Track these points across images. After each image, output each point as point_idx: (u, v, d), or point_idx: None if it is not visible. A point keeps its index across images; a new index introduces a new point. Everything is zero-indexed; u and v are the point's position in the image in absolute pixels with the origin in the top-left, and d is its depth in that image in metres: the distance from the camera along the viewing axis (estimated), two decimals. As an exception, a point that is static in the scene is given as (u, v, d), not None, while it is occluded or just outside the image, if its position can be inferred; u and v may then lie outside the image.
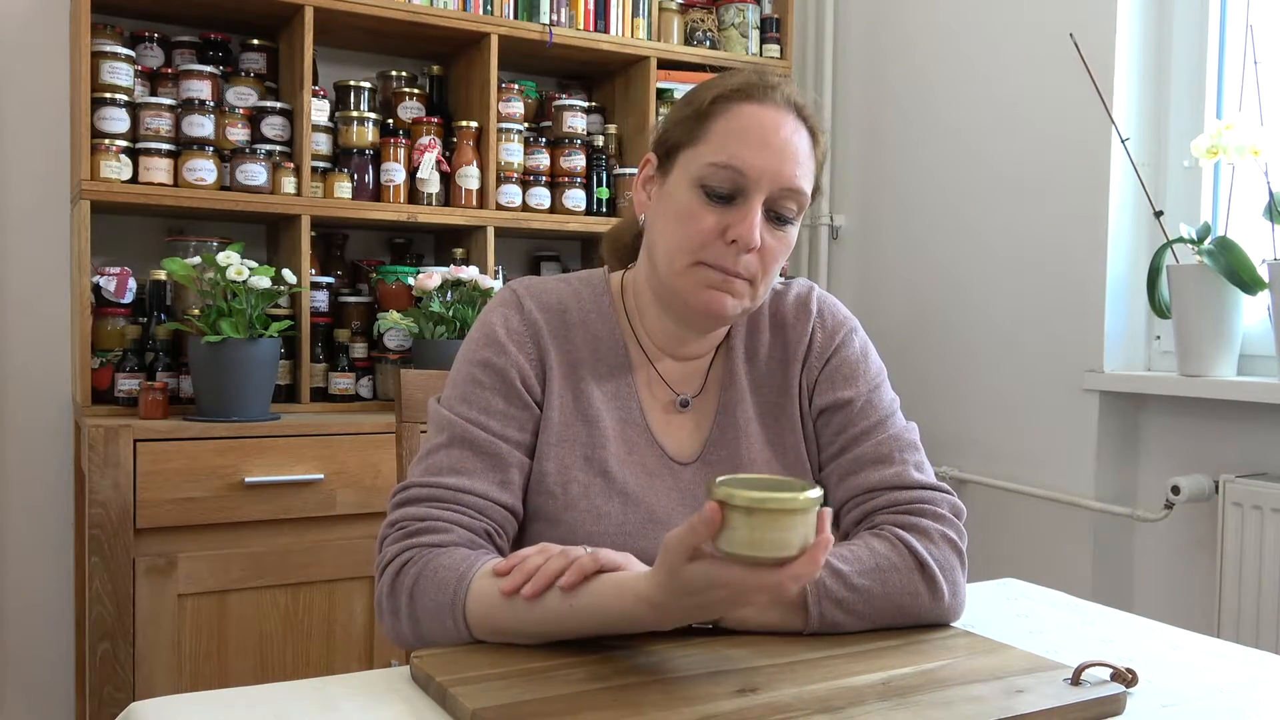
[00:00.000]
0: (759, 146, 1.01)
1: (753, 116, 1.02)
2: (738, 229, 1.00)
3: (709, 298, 1.03)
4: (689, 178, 1.03)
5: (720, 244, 1.02)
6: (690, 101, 1.06)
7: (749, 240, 1.00)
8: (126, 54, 2.15)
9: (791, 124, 1.03)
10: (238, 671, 1.98)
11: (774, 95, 1.04)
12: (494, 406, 1.05)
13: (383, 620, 0.98)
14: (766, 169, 1.01)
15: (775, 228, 1.03)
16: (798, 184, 1.02)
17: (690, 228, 1.02)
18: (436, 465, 1.02)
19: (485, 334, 1.08)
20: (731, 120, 1.02)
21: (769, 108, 1.03)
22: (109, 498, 1.88)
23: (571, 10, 2.52)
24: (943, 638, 0.96)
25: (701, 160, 1.02)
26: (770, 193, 1.01)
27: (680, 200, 1.04)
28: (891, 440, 1.07)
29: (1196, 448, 2.05)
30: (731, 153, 1.01)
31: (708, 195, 1.02)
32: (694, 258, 1.03)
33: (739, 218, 1.01)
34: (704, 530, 0.76)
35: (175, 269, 2.01)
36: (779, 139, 1.02)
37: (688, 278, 1.03)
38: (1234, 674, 0.93)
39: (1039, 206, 2.32)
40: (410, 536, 0.98)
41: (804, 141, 1.04)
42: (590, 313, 1.11)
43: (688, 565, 0.79)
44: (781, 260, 1.05)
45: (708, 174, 1.02)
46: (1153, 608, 2.12)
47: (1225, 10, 2.09)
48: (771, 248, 1.03)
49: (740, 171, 1.01)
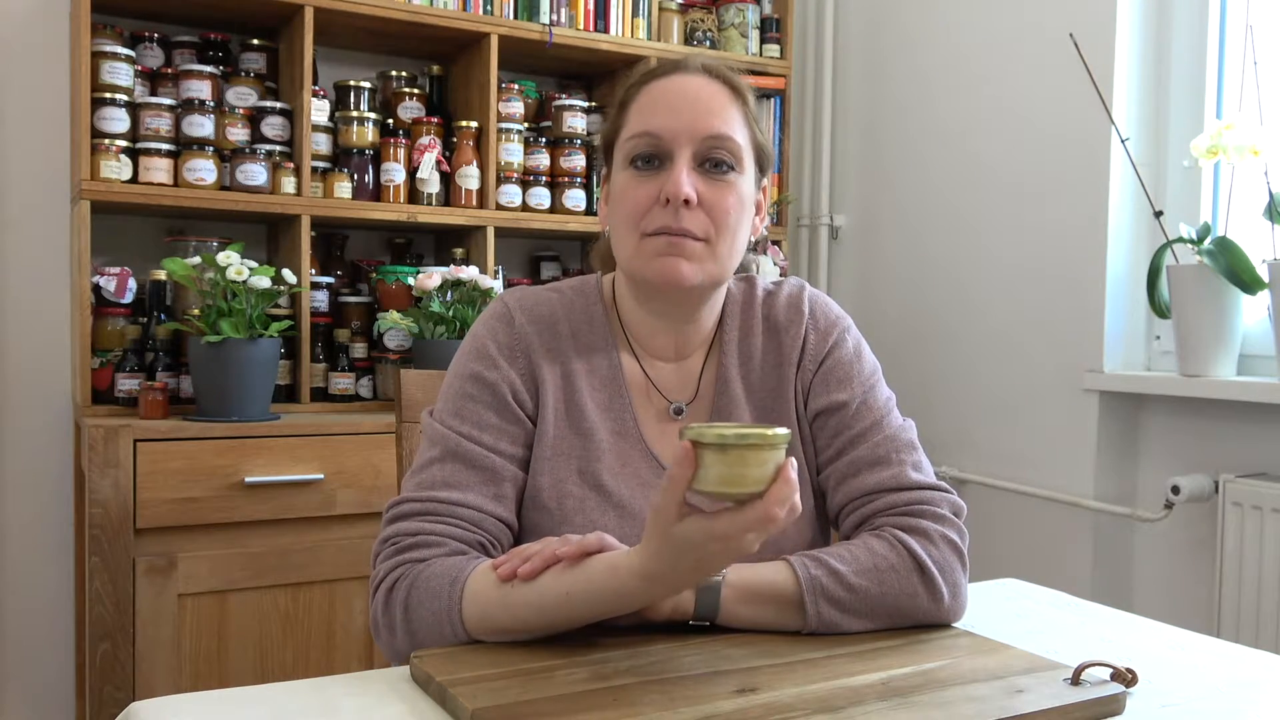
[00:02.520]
0: (670, 109, 1.04)
1: (661, 87, 1.06)
2: (667, 186, 1.02)
3: (661, 266, 1.03)
4: (621, 162, 1.07)
5: (658, 209, 1.03)
6: (614, 102, 1.11)
7: (675, 192, 1.01)
8: (126, 54, 2.15)
9: (701, 82, 1.06)
10: (238, 671, 1.98)
11: (681, 65, 1.07)
12: (487, 421, 1.04)
13: (378, 636, 0.97)
14: (681, 126, 1.03)
15: (714, 176, 1.04)
16: (719, 129, 1.03)
17: (628, 203, 1.04)
18: (430, 479, 1.02)
19: (476, 348, 1.08)
20: (644, 98, 1.06)
21: (677, 76, 1.06)
22: (109, 498, 1.88)
23: (571, 10, 2.52)
24: (943, 638, 0.96)
25: (624, 137, 1.06)
26: (695, 147, 1.03)
27: (618, 185, 1.07)
28: (888, 441, 1.07)
29: (1196, 448, 2.05)
30: (644, 122, 1.04)
31: (638, 170, 1.04)
32: (639, 230, 1.04)
33: (665, 180, 1.03)
34: (680, 474, 0.78)
35: (175, 269, 2.01)
36: (687, 98, 1.04)
37: (640, 254, 1.04)
38: (1234, 674, 0.93)
39: (1039, 206, 2.32)
40: (403, 552, 0.97)
41: (720, 94, 1.05)
42: (582, 323, 1.11)
43: (677, 526, 0.80)
44: (734, 213, 1.05)
45: (630, 148, 1.05)
46: (1153, 608, 2.12)
47: (1225, 10, 2.09)
48: (715, 200, 1.03)
49: (655, 134, 1.03)
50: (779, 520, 0.79)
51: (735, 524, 0.79)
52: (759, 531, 0.80)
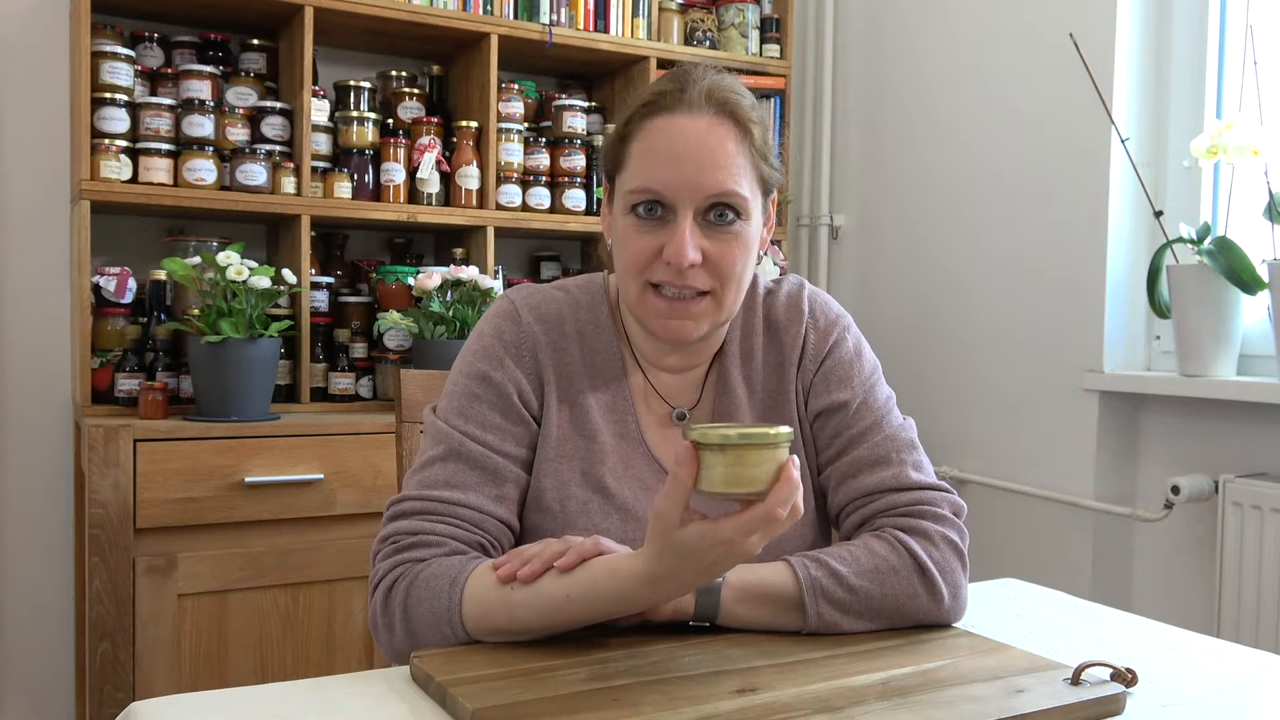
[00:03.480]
0: (672, 164, 0.98)
1: (662, 132, 1.00)
2: (670, 249, 0.99)
3: (667, 327, 1.02)
4: (622, 204, 1.03)
5: (661, 263, 1.00)
6: (617, 123, 1.06)
7: (679, 260, 0.98)
8: (126, 54, 2.15)
9: (706, 124, 0.99)
10: (238, 671, 1.98)
11: (685, 98, 1.00)
12: (491, 421, 1.04)
13: (377, 636, 0.97)
14: (683, 184, 0.98)
15: (719, 230, 1.00)
16: (723, 187, 0.99)
17: (630, 253, 1.02)
18: (431, 478, 1.01)
19: (482, 346, 1.07)
20: (644, 140, 1.01)
21: (679, 116, 1.00)
22: (109, 498, 1.88)
23: (571, 10, 2.52)
24: (943, 638, 0.96)
25: (626, 187, 1.02)
26: (697, 204, 0.99)
27: (619, 227, 1.03)
28: (888, 441, 1.06)
29: (1196, 448, 2.05)
30: (646, 175, 1.00)
31: (640, 218, 1.01)
32: (642, 279, 1.02)
33: (670, 236, 0.99)
34: (683, 475, 0.77)
35: (175, 269, 2.01)
36: (691, 149, 0.98)
37: (644, 304, 1.03)
38: (1234, 674, 0.93)
39: (1039, 206, 2.32)
40: (402, 551, 0.97)
41: (726, 138, 1.00)
42: (587, 324, 1.10)
43: (681, 531, 0.80)
44: (741, 261, 1.02)
45: (631, 200, 1.01)
46: (1153, 608, 2.12)
47: (1225, 10, 2.09)
48: (720, 255, 1.00)
49: (657, 194, 0.99)
50: (782, 521, 0.79)
51: (738, 527, 0.79)
52: (762, 534, 0.80)
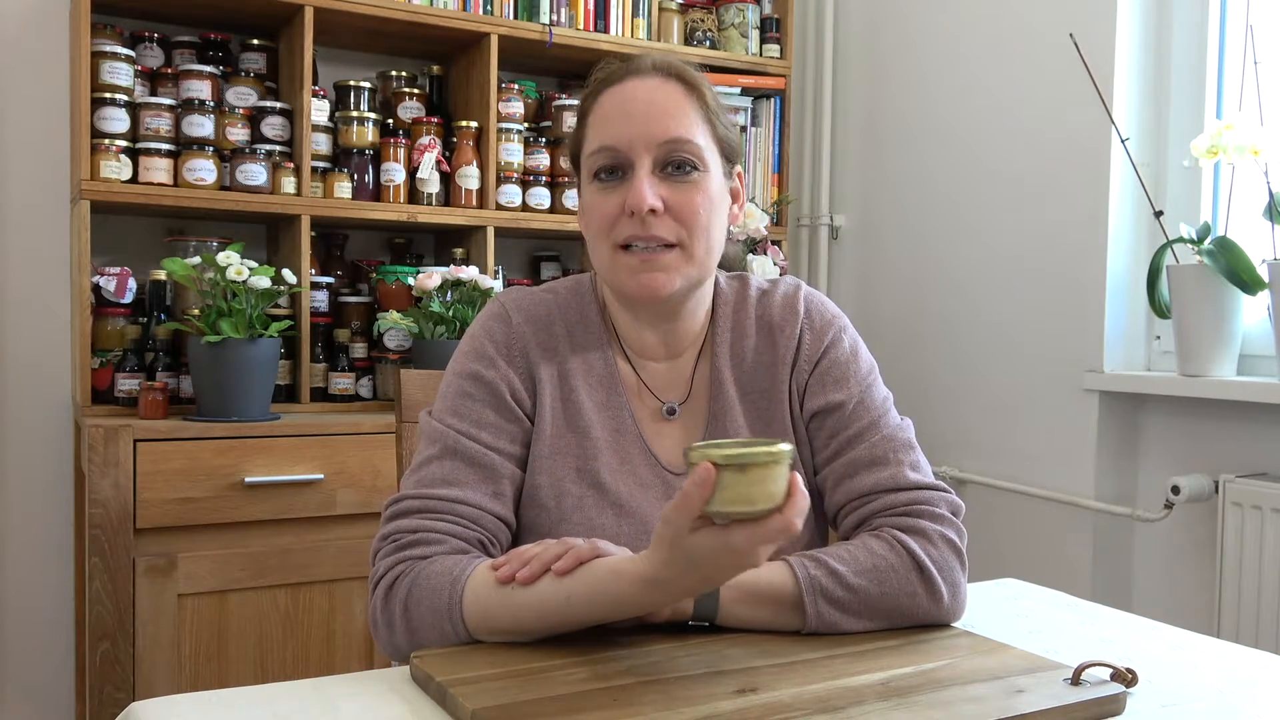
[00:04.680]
0: (622, 119, 1.04)
1: (614, 95, 1.06)
2: (630, 198, 1.02)
3: (639, 282, 1.04)
4: (586, 177, 1.08)
5: (624, 220, 1.03)
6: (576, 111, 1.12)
7: (638, 203, 1.01)
8: (126, 54, 2.15)
9: (653, 84, 1.05)
10: (238, 671, 1.98)
11: (632, 67, 1.07)
12: (485, 419, 1.05)
13: (377, 634, 0.97)
14: (635, 135, 1.03)
15: (678, 179, 1.04)
16: (675, 133, 1.03)
17: (596, 218, 1.05)
18: (429, 477, 1.02)
19: (474, 348, 1.09)
20: (599, 109, 1.07)
21: (628, 82, 1.06)
22: (109, 498, 1.88)
23: (571, 10, 2.52)
24: (943, 638, 0.96)
25: (586, 155, 1.07)
26: (654, 154, 1.03)
27: (585, 200, 1.08)
28: (885, 441, 1.07)
29: (1196, 448, 2.05)
30: (602, 134, 1.05)
31: (602, 182, 1.05)
32: (610, 242, 1.05)
33: (630, 187, 1.03)
34: (699, 494, 0.77)
35: (175, 269, 2.01)
36: (640, 104, 1.04)
37: (616, 268, 1.05)
38: (1234, 674, 0.93)
39: (1039, 206, 2.32)
40: (402, 549, 0.97)
41: (674, 93, 1.05)
42: (577, 323, 1.12)
43: (690, 537, 0.80)
44: (704, 214, 1.05)
45: (592, 164, 1.06)
46: (1153, 608, 2.12)
47: (1225, 10, 2.09)
48: (682, 203, 1.04)
49: (612, 147, 1.04)
50: (798, 532, 0.80)
51: (751, 537, 0.79)
52: (773, 544, 0.80)
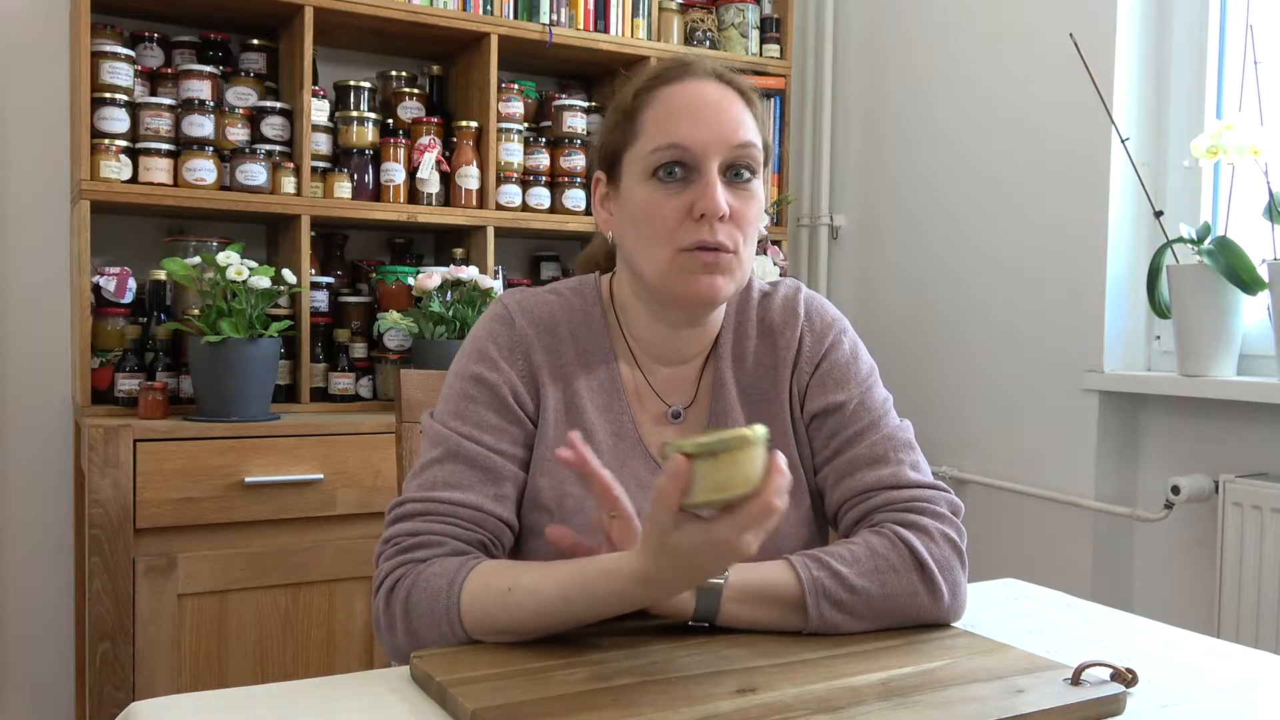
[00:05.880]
0: (693, 118, 1.01)
1: (677, 95, 1.03)
2: (702, 202, 1.00)
3: (699, 285, 1.02)
4: (639, 174, 1.03)
5: (690, 223, 1.01)
6: (616, 107, 1.07)
7: (715, 208, 0.99)
8: (126, 54, 2.15)
9: (716, 88, 1.04)
10: (238, 671, 1.98)
11: (691, 70, 1.05)
12: (487, 421, 1.05)
13: (380, 636, 0.98)
14: (710, 137, 1.01)
15: (739, 187, 1.02)
16: (744, 137, 1.02)
17: (657, 219, 1.02)
18: (431, 480, 1.02)
19: (476, 349, 1.08)
20: (659, 106, 1.03)
21: (689, 82, 1.04)
22: (109, 498, 1.88)
23: (571, 10, 2.52)
24: (943, 638, 0.96)
25: (644, 152, 1.02)
26: (724, 157, 1.01)
27: (639, 199, 1.03)
28: (886, 440, 1.07)
29: (1196, 448, 2.05)
30: (669, 132, 1.01)
31: (662, 181, 1.02)
32: (673, 247, 1.01)
33: (700, 191, 1.00)
34: (675, 486, 0.77)
35: (175, 269, 2.01)
36: (710, 104, 1.02)
37: (674, 272, 1.02)
38: (1234, 674, 0.93)
39: (1039, 206, 2.32)
40: (404, 552, 0.98)
41: (735, 101, 1.04)
42: (580, 325, 1.11)
43: (675, 532, 0.80)
44: (755, 222, 1.04)
45: (654, 160, 1.01)
46: (1153, 608, 2.12)
47: (1225, 10, 2.09)
48: (741, 210, 1.02)
49: (684, 147, 1.01)
50: (779, 510, 0.79)
51: (734, 524, 0.79)
52: (758, 527, 0.79)
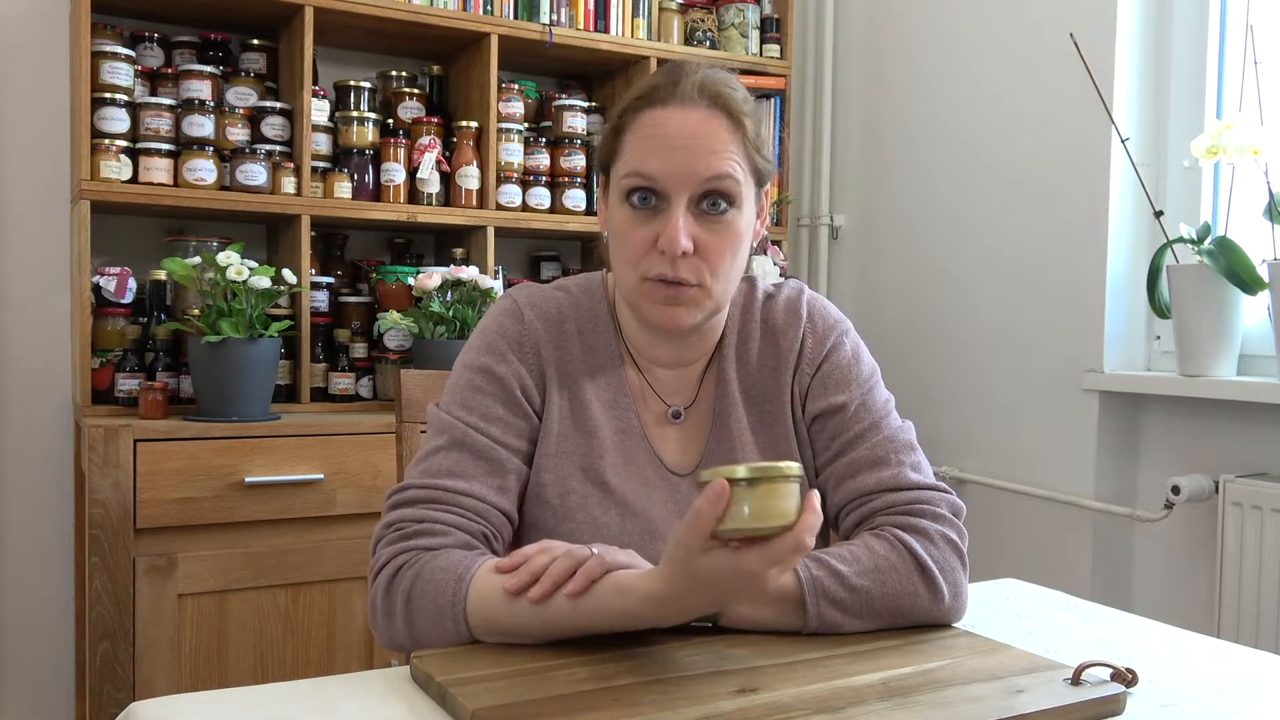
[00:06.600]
0: (664, 152, 1.00)
1: (655, 122, 1.02)
2: (662, 239, 1.00)
3: (661, 314, 1.03)
4: (618, 194, 1.04)
5: (655, 254, 1.01)
6: (610, 118, 1.08)
7: (672, 247, 0.99)
8: (126, 54, 2.15)
9: (699, 116, 1.01)
10: (238, 671, 1.98)
11: (678, 91, 1.02)
12: (494, 413, 1.05)
13: (375, 624, 0.97)
14: (677, 171, 1.00)
15: (711, 219, 1.01)
16: (719, 169, 1.00)
17: (626, 243, 1.03)
18: (435, 467, 1.02)
19: (485, 342, 1.09)
20: (637, 130, 1.03)
21: (673, 108, 1.01)
22: (109, 498, 1.88)
23: (571, 10, 2.52)
24: (943, 638, 0.96)
25: (620, 173, 1.03)
26: (692, 191, 1.00)
27: (616, 217, 1.05)
28: (887, 442, 1.07)
29: (1196, 448, 2.05)
30: (640, 162, 1.01)
31: (635, 207, 1.02)
32: (638, 273, 1.03)
33: (663, 225, 1.01)
34: (711, 511, 0.76)
35: (175, 269, 2.01)
36: (684, 138, 1.00)
37: (639, 295, 1.04)
38: (1234, 674, 0.93)
39: (1039, 206, 2.32)
40: (406, 539, 0.97)
41: (719, 129, 1.01)
42: (587, 322, 1.12)
43: (702, 557, 0.79)
44: (730, 253, 1.03)
45: (626, 186, 1.03)
46: (1153, 608, 2.12)
47: (1225, 10, 2.09)
48: (712, 244, 1.01)
49: (651, 179, 1.01)
50: (808, 550, 0.78)
51: (764, 558, 0.78)
52: (785, 564, 0.79)
